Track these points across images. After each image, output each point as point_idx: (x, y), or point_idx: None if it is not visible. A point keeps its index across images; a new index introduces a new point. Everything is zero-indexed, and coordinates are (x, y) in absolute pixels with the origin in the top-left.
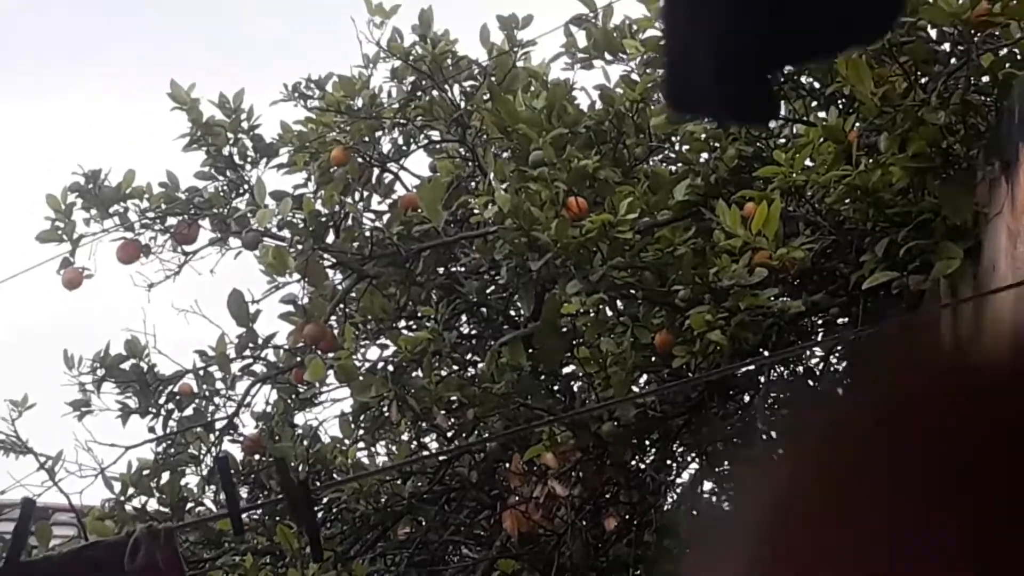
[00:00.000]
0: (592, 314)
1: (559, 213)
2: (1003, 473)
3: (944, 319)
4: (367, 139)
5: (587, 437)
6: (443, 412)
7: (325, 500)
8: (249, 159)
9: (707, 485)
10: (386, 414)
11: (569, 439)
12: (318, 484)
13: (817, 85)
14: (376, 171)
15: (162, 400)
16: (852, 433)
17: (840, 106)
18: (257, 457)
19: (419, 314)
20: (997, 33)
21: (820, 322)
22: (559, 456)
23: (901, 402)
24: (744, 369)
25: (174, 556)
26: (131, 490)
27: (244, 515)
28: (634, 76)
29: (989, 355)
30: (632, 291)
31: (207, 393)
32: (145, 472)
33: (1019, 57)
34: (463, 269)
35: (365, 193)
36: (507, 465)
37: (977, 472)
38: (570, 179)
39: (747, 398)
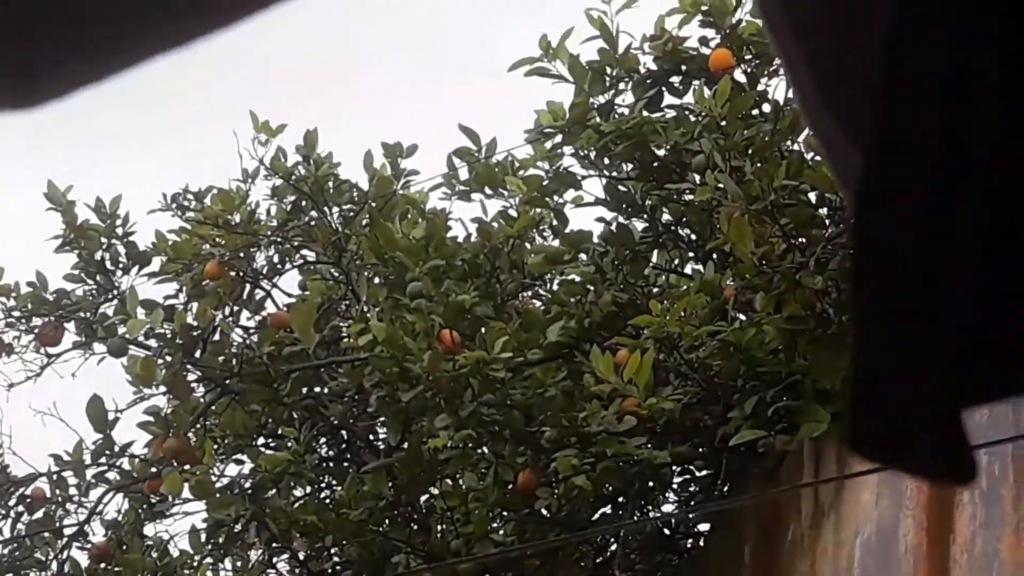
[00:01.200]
0: (458, 448)
1: (432, 345)
2: None
3: (805, 496)
4: (242, 254)
5: (444, 573)
6: (300, 536)
7: None
8: (121, 265)
9: None
10: (240, 532)
11: (424, 573)
12: None
13: (695, 237)
14: (248, 287)
15: (12, 502)
16: None
17: (716, 260)
18: (103, 566)
19: (280, 433)
20: None
21: (679, 470)
22: None
23: None
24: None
25: None
26: None
27: None
28: (512, 212)
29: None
30: (499, 429)
31: (59, 498)
32: None
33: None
34: (328, 392)
35: (236, 308)
36: None
37: None
38: (446, 313)
39: (600, 539)
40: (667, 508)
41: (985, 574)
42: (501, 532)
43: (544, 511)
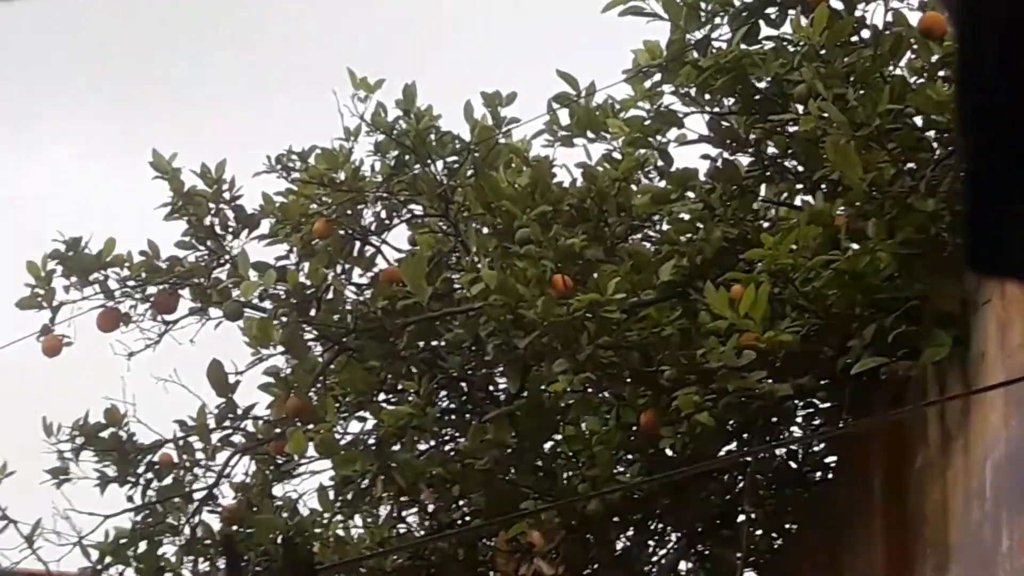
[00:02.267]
0: (577, 392)
1: (545, 291)
2: None
3: (931, 408)
4: (349, 212)
5: (572, 515)
6: (427, 488)
7: None
8: (230, 230)
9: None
10: (368, 487)
11: (554, 517)
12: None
13: (801, 169)
14: (358, 244)
15: (141, 469)
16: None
17: (824, 190)
18: (235, 528)
19: (400, 388)
20: None
21: (803, 404)
22: (543, 534)
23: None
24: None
25: None
26: (108, 559)
27: None
28: (616, 155)
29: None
30: (618, 370)
31: (187, 463)
32: (123, 541)
33: None
34: (445, 344)
35: (347, 266)
36: (491, 542)
37: None
38: (556, 257)
39: (727, 477)
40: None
41: None
42: (627, 474)
43: (668, 450)
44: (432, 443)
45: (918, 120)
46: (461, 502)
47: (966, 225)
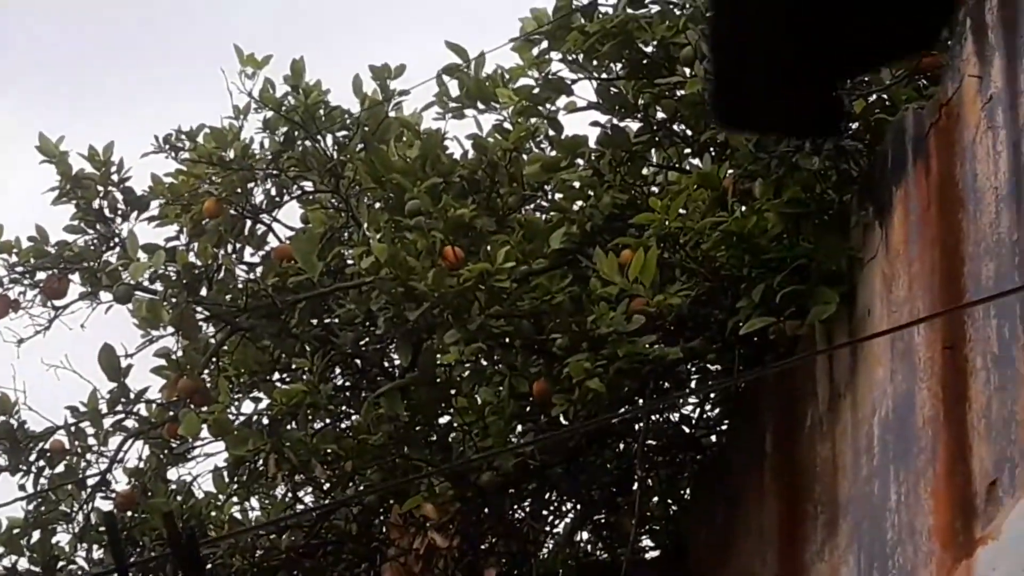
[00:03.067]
0: (470, 364)
1: (436, 263)
2: None
3: (820, 364)
4: (239, 190)
5: (466, 487)
6: (322, 465)
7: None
8: (120, 212)
9: (583, 534)
10: (262, 468)
11: (448, 490)
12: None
13: (690, 132)
14: (249, 223)
15: (33, 457)
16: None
17: (713, 153)
18: (129, 513)
19: (293, 366)
20: (868, 79)
21: (694, 368)
22: (438, 507)
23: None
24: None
25: None
26: (1, 549)
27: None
28: (506, 125)
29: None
30: (509, 340)
31: (79, 449)
32: (15, 531)
33: (889, 104)
34: (338, 320)
35: (238, 245)
36: (386, 517)
37: None
38: (446, 228)
39: (622, 445)
40: (686, 410)
41: (1003, 437)
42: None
43: (562, 418)
44: (326, 421)
45: None
46: (356, 479)
47: (711, 81)
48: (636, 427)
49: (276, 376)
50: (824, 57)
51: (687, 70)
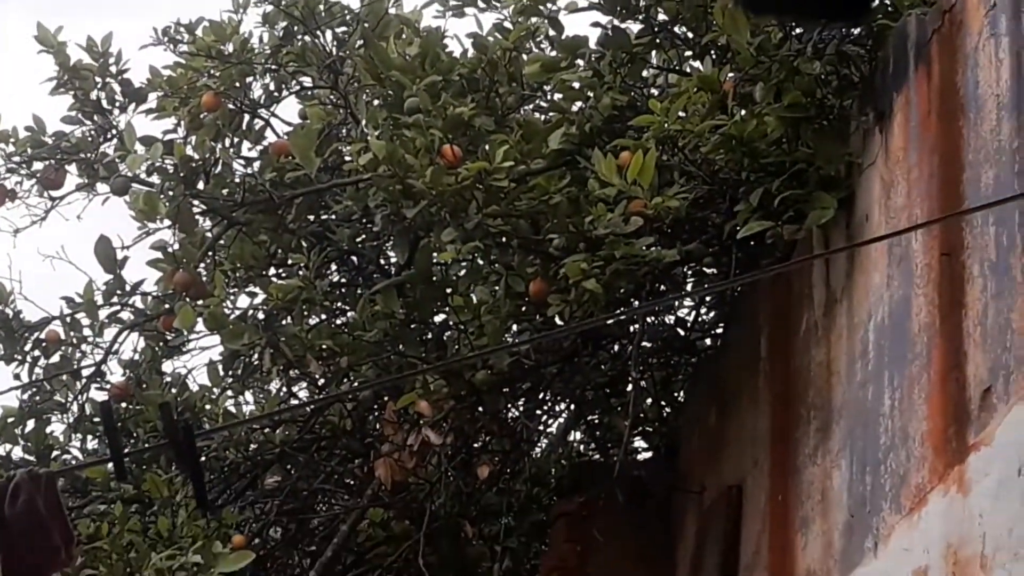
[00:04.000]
0: (466, 263)
1: (434, 161)
2: None
3: (817, 270)
4: (238, 85)
5: (460, 385)
6: (316, 360)
7: None
8: (117, 104)
9: (576, 434)
10: (257, 362)
11: (442, 387)
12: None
13: (691, 35)
14: (247, 117)
15: (28, 347)
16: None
17: (714, 56)
18: (124, 405)
19: (289, 262)
20: None
21: (690, 272)
22: (432, 404)
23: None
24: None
25: (55, 501)
26: None
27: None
28: (507, 24)
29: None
30: (506, 239)
31: (74, 340)
32: (10, 420)
33: (892, 9)
34: (335, 217)
35: (235, 139)
36: (380, 413)
37: None
38: (445, 126)
39: (617, 347)
40: (681, 312)
41: (998, 344)
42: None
43: (557, 319)
44: (322, 316)
45: None
46: (351, 375)
47: None
48: (631, 329)
49: (272, 271)
50: None
51: None
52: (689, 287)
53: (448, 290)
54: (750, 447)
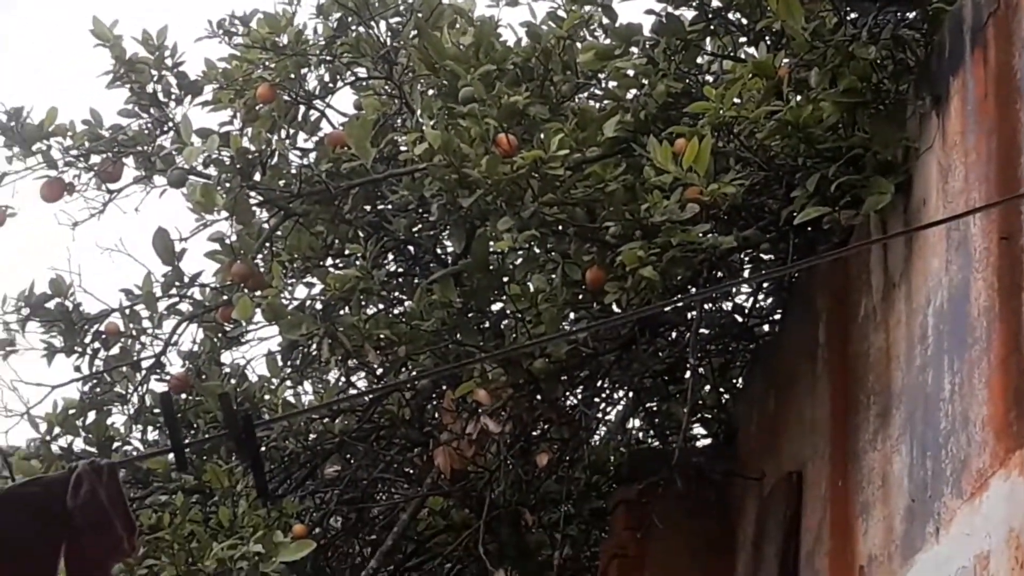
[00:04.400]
0: (523, 251)
1: (489, 150)
2: None
3: (874, 255)
4: (293, 76)
5: (519, 374)
6: (375, 350)
7: None
8: (173, 97)
9: (634, 421)
10: (315, 352)
11: (501, 376)
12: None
13: (745, 21)
14: (302, 108)
15: (88, 339)
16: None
17: (768, 42)
18: (184, 396)
19: (347, 252)
20: None
21: (747, 258)
22: (491, 393)
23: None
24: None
25: (117, 492)
26: (57, 430)
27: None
28: (560, 12)
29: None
30: (563, 228)
31: (133, 332)
32: (71, 412)
33: None
34: (391, 207)
35: (291, 131)
36: (439, 402)
37: None
38: (500, 115)
39: (675, 334)
40: (739, 299)
41: None
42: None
43: (615, 306)
44: (379, 306)
45: None
46: (409, 364)
47: None
48: (689, 315)
49: (329, 261)
50: None
51: None
52: (746, 273)
53: (505, 279)
54: (809, 433)
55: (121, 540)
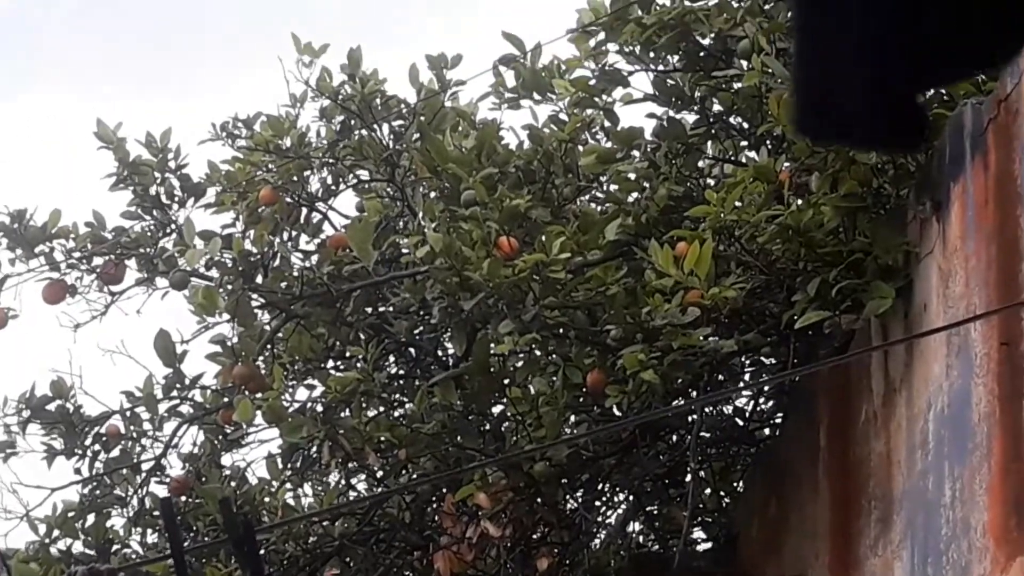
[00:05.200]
0: (524, 354)
1: (491, 253)
2: None
3: (875, 359)
4: (295, 178)
5: (519, 477)
6: (375, 452)
7: None
8: (176, 199)
9: (635, 525)
10: (316, 455)
11: (501, 479)
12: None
13: (746, 125)
14: (304, 211)
15: (88, 441)
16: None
17: (769, 146)
18: (183, 498)
19: (348, 354)
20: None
21: (748, 362)
22: (491, 496)
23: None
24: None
25: None
26: (56, 532)
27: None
28: (562, 116)
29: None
30: (564, 331)
31: (134, 434)
32: (71, 514)
33: (947, 98)
34: (392, 309)
35: (293, 233)
36: (439, 505)
37: None
38: (502, 218)
39: (675, 438)
40: (740, 402)
41: None
42: (574, 434)
43: (615, 410)
44: (380, 408)
45: None
46: (409, 467)
47: (794, 96)
48: (690, 419)
49: (330, 364)
50: (909, 70)
51: (744, 63)
52: (747, 377)
53: (506, 381)
54: (810, 538)
55: None
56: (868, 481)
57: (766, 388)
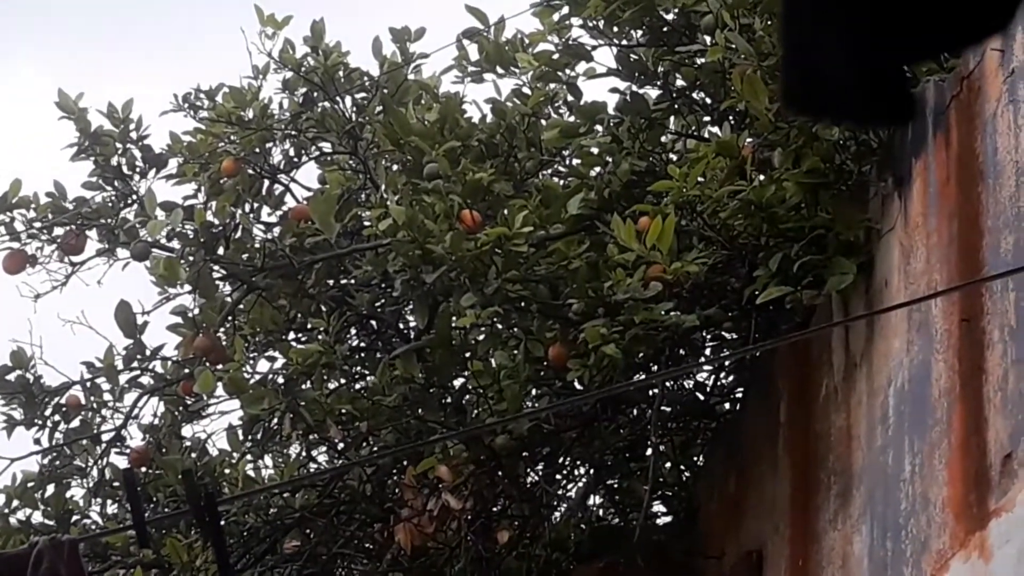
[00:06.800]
0: (485, 327)
1: (453, 226)
2: None
3: (836, 335)
4: (258, 150)
5: (480, 450)
6: (336, 425)
7: None
8: (138, 169)
9: (595, 498)
10: (276, 427)
11: (462, 452)
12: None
13: (709, 101)
14: (267, 182)
15: (48, 412)
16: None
17: (732, 122)
18: (144, 469)
19: (309, 326)
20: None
21: (709, 336)
22: (452, 469)
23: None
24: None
25: (78, 569)
26: (15, 503)
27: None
28: (525, 90)
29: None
30: (526, 304)
31: (94, 405)
32: (30, 484)
33: (910, 75)
34: (354, 282)
35: (255, 204)
36: (400, 478)
37: None
38: (464, 192)
39: (636, 412)
40: (700, 377)
41: (1019, 410)
42: (535, 407)
43: (577, 383)
44: (341, 381)
45: None
46: (370, 439)
47: (783, 71)
48: (651, 393)
49: (292, 336)
50: (896, 44)
51: (708, 38)
52: (708, 352)
53: (467, 355)
54: (770, 512)
55: None
56: (828, 456)
57: (727, 363)
